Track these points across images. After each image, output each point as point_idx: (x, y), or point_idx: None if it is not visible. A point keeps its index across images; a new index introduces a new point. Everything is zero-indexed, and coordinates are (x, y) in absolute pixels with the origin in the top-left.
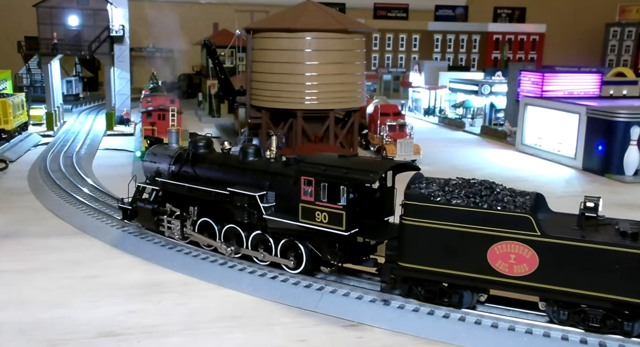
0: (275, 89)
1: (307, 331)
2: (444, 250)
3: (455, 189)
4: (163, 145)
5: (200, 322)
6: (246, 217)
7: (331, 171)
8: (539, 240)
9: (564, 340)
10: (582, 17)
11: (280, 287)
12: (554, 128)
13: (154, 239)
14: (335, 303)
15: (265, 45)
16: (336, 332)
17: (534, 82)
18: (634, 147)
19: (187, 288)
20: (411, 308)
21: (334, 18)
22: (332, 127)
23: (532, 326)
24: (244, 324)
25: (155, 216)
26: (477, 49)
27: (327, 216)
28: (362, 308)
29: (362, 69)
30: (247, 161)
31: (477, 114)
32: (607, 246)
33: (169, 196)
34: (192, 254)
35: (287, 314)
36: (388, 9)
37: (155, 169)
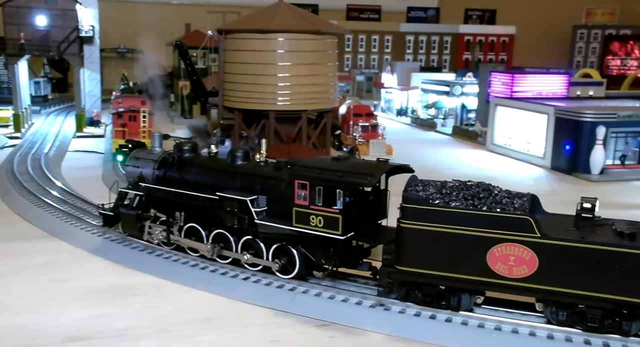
0: (247, 90)
1: (280, 332)
2: (442, 253)
3: (453, 191)
4: (146, 149)
5: (172, 325)
6: (236, 222)
7: (327, 175)
8: (538, 241)
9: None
10: (550, 19)
11: (252, 288)
12: (523, 128)
13: (124, 242)
14: (307, 303)
15: (238, 46)
16: (309, 332)
17: (504, 83)
18: (600, 146)
19: (159, 291)
20: (382, 308)
21: (306, 19)
22: (304, 128)
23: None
24: (217, 325)
25: (139, 221)
26: (448, 50)
27: (322, 220)
28: (334, 308)
29: (334, 70)
30: (236, 165)
31: (449, 114)
32: (606, 247)
33: (153, 202)
34: (163, 256)
35: (260, 315)
36: (361, 10)
37: (139, 173)
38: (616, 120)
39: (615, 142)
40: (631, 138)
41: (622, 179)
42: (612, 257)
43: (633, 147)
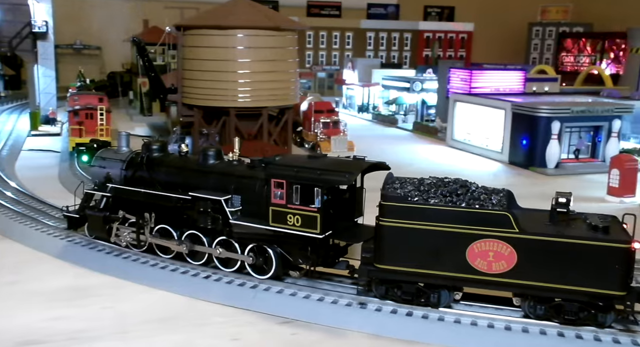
0: (207, 87)
1: (241, 330)
2: (422, 250)
3: (431, 188)
4: (112, 149)
5: (130, 326)
6: (210, 222)
7: (304, 173)
8: (517, 237)
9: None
10: (507, 17)
11: (213, 286)
12: (481, 124)
13: (81, 243)
14: (269, 300)
15: (197, 42)
16: (270, 330)
17: (463, 79)
18: (555, 141)
19: (117, 291)
20: (344, 303)
21: (266, 15)
22: (265, 125)
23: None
24: (176, 325)
25: (106, 223)
26: (409, 46)
27: (300, 218)
28: (296, 305)
29: (295, 66)
30: (209, 164)
31: (410, 110)
32: (582, 241)
33: (122, 203)
34: (122, 256)
35: (220, 313)
36: (321, 6)
37: (105, 174)
38: (570, 116)
39: (570, 137)
40: (584, 133)
41: (576, 172)
42: (587, 250)
43: (586, 141)
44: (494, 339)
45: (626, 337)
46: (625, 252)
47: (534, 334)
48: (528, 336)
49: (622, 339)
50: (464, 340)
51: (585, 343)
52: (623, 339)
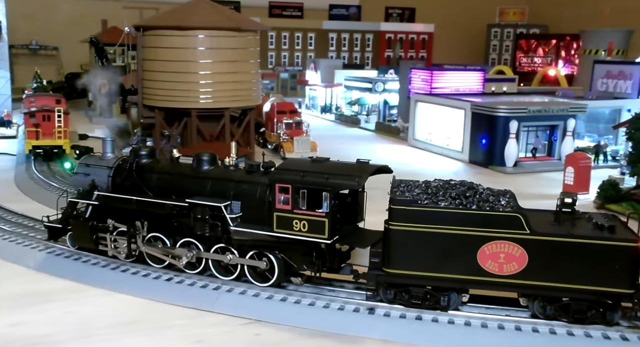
0: (168, 88)
1: (204, 332)
2: (432, 253)
3: (439, 191)
4: (96, 155)
5: (92, 330)
6: (208, 229)
7: (311, 177)
8: (528, 238)
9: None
10: (466, 18)
11: (175, 288)
12: (442, 123)
13: (39, 247)
14: (232, 302)
15: (157, 43)
16: (234, 331)
17: (424, 79)
18: (513, 140)
19: (78, 295)
20: (307, 303)
21: (227, 16)
22: (227, 126)
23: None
24: (139, 328)
25: (94, 233)
26: (370, 47)
27: (306, 224)
28: (260, 305)
29: (257, 67)
30: (204, 170)
31: (372, 110)
32: (592, 240)
33: (110, 211)
34: (82, 259)
35: (183, 315)
36: (283, 7)
37: (90, 182)
38: (527, 115)
39: (527, 136)
40: (541, 132)
41: (534, 170)
42: (596, 249)
43: (543, 140)
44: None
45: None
46: (633, 251)
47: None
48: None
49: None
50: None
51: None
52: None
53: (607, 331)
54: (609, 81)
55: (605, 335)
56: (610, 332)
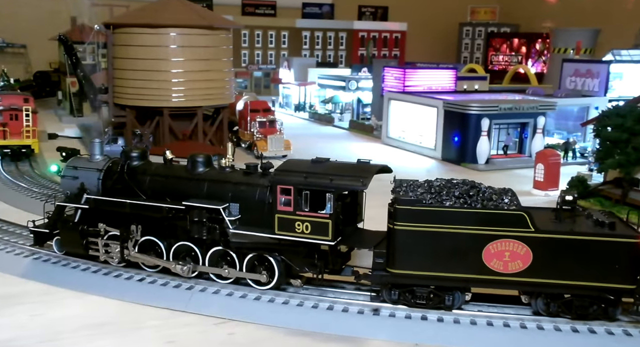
0: (139, 87)
1: (176, 332)
2: (437, 253)
3: (442, 190)
4: (84, 158)
5: (61, 333)
6: (206, 232)
7: (314, 179)
8: (533, 236)
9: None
10: (438, 17)
11: (148, 289)
12: (415, 121)
13: (6, 249)
14: (206, 301)
15: (128, 41)
16: (207, 331)
17: (397, 77)
18: (484, 137)
19: (47, 298)
20: (281, 301)
21: (199, 14)
22: (200, 125)
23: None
24: (110, 330)
25: (84, 238)
26: (344, 46)
27: (309, 225)
28: (233, 304)
29: (229, 65)
30: (200, 172)
31: (346, 109)
32: (595, 237)
33: (101, 215)
34: (51, 261)
35: (156, 316)
36: (256, 5)
37: (79, 185)
38: (498, 113)
39: (499, 133)
40: (512, 129)
41: (505, 167)
42: (599, 246)
43: (514, 137)
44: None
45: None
46: (634, 246)
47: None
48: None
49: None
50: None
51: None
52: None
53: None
54: (577, 79)
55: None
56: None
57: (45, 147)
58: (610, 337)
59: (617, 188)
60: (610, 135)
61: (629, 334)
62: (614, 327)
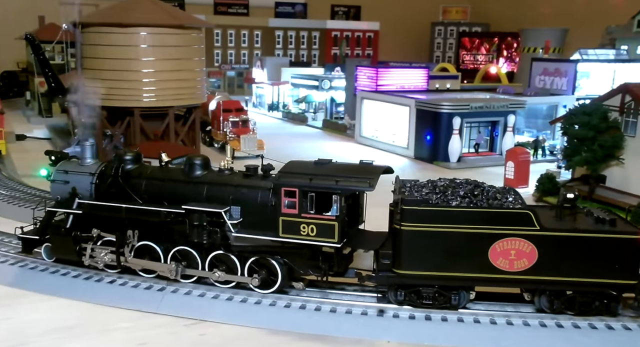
0: (110, 87)
1: (148, 334)
2: (444, 253)
3: (446, 190)
4: (74, 161)
5: (30, 337)
6: (206, 236)
7: (320, 180)
8: (538, 234)
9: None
10: (411, 16)
11: (119, 291)
12: (388, 120)
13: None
14: (177, 302)
15: (97, 40)
16: (179, 332)
17: (370, 77)
18: (456, 136)
19: (15, 301)
20: (253, 301)
21: (169, 13)
22: (172, 125)
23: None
24: (80, 333)
25: (77, 244)
26: (317, 45)
27: (315, 228)
28: (205, 305)
29: (201, 65)
30: (198, 175)
31: (319, 108)
32: (598, 234)
33: (95, 220)
34: (18, 264)
35: (126, 318)
36: (228, 5)
37: (70, 189)
38: (469, 112)
39: (470, 132)
40: (483, 128)
41: (477, 165)
42: (602, 243)
43: (485, 136)
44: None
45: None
46: (635, 242)
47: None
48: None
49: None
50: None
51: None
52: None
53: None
54: (546, 78)
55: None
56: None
57: (13, 148)
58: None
59: (584, 185)
60: (577, 133)
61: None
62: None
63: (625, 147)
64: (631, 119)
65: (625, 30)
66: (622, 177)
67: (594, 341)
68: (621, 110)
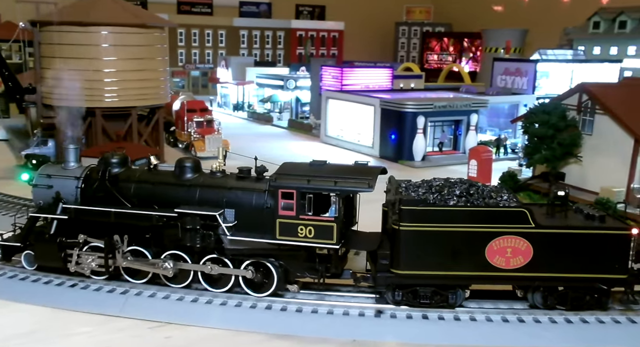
0: (70, 86)
1: (110, 337)
2: (442, 252)
3: (442, 189)
4: (57, 165)
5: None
6: (199, 240)
7: (318, 182)
8: (534, 232)
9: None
10: (375, 16)
11: (80, 295)
12: (353, 120)
13: None
14: (141, 305)
15: (57, 39)
16: (142, 335)
17: (334, 76)
18: (420, 135)
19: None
20: (219, 302)
21: (130, 12)
22: (135, 125)
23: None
24: (40, 338)
25: (62, 250)
26: (282, 45)
27: (313, 229)
28: (170, 307)
29: (164, 64)
30: (189, 177)
31: (284, 108)
32: (590, 230)
33: (81, 225)
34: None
35: (88, 322)
36: (192, 4)
37: (54, 194)
38: (433, 111)
39: (434, 131)
40: (447, 126)
41: (441, 164)
42: (594, 239)
43: (448, 134)
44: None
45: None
46: (626, 238)
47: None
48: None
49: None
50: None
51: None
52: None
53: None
54: (508, 78)
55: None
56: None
57: None
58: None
59: (544, 182)
60: (537, 132)
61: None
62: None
63: (582, 145)
64: (588, 117)
65: (581, 31)
66: (580, 174)
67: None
68: (579, 109)
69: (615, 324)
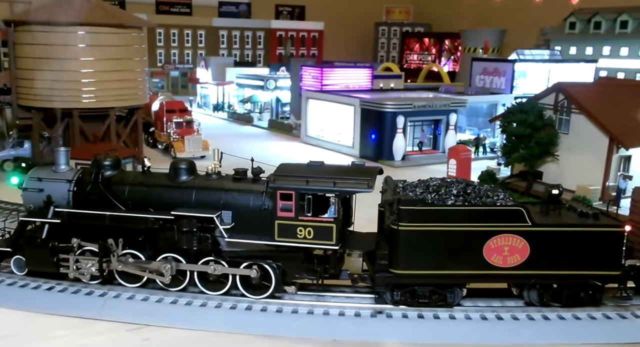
0: (46, 87)
1: (89, 341)
2: (441, 251)
3: (439, 189)
4: (47, 168)
5: None
6: (196, 243)
7: (318, 183)
8: (530, 230)
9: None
10: (355, 16)
11: (57, 298)
12: (333, 120)
13: None
14: (120, 308)
15: (32, 39)
16: (122, 337)
17: (314, 76)
18: (400, 134)
19: None
20: (199, 303)
21: (107, 12)
22: (113, 126)
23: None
24: (16, 343)
25: (54, 255)
26: (262, 45)
27: (312, 230)
28: (149, 309)
29: (143, 65)
30: (185, 180)
31: (265, 108)
32: (585, 228)
33: (74, 229)
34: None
35: (65, 325)
36: (171, 4)
37: (45, 197)
38: (413, 110)
39: (414, 130)
40: (426, 126)
41: (421, 163)
42: (589, 236)
43: (428, 134)
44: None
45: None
46: (620, 235)
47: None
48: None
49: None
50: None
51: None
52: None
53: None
54: (486, 77)
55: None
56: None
57: None
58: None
59: (522, 181)
60: (515, 131)
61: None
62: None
63: (559, 144)
64: (564, 116)
65: (558, 31)
66: (557, 172)
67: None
68: (555, 108)
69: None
